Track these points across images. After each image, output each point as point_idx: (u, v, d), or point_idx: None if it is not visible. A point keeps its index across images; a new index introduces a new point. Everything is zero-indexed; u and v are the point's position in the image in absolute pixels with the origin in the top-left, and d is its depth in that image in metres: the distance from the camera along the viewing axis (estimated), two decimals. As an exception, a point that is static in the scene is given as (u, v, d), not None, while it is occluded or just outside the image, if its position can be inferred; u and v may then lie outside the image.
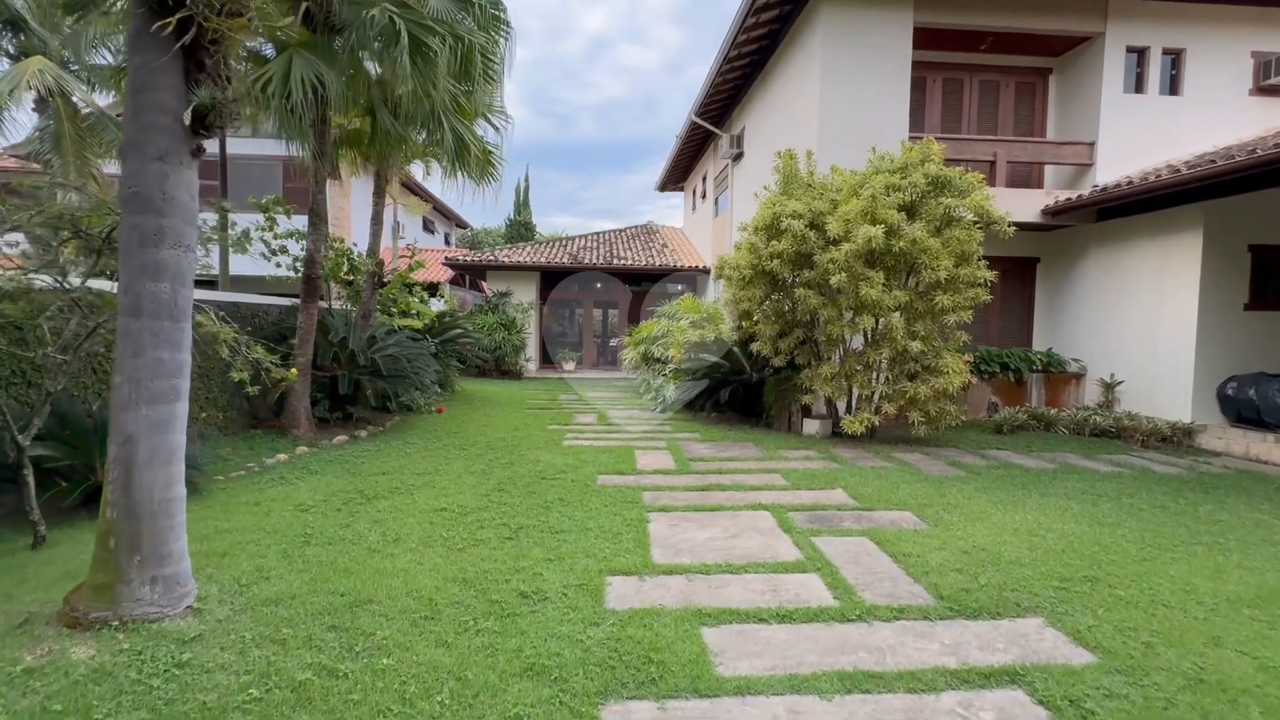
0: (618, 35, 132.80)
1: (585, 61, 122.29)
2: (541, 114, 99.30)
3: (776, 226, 7.09)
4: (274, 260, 9.28)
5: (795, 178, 7.72)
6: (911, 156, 6.76)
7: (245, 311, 7.24)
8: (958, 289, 6.58)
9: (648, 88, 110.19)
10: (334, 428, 7.47)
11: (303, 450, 6.44)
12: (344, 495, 4.86)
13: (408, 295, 9.98)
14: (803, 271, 7.07)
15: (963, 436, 7.87)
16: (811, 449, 7.06)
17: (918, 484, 5.52)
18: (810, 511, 4.72)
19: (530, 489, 5.18)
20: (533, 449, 6.82)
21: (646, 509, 4.72)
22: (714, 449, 7.07)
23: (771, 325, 7.56)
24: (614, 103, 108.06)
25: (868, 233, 6.14)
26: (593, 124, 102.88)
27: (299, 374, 6.82)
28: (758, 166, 11.66)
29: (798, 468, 6.12)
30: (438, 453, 6.52)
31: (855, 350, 7.37)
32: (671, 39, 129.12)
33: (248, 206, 9.18)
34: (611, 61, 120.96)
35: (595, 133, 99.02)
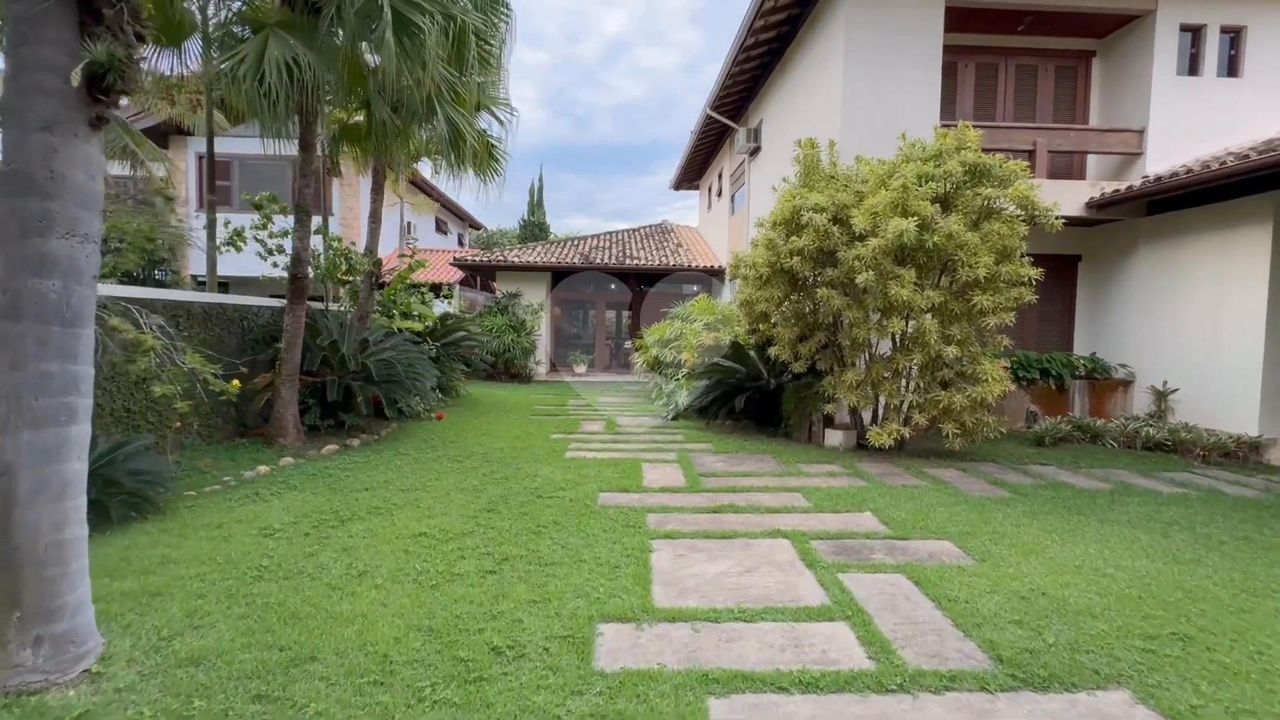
0: (636, 37, 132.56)
1: (603, 63, 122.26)
2: (560, 116, 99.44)
3: (797, 221, 6.53)
4: (270, 260, 8.95)
5: (816, 169, 7.15)
6: (946, 143, 6.15)
7: (232, 313, 6.88)
8: (998, 288, 5.96)
9: (665, 89, 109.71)
10: (325, 436, 7.07)
11: (287, 461, 6.03)
12: (318, 516, 4.41)
13: (409, 296, 9.58)
14: (825, 270, 6.50)
15: (1000, 449, 7.22)
16: (834, 463, 6.48)
17: (957, 507, 4.92)
18: (836, 540, 4.16)
19: (523, 509, 4.69)
20: (532, 461, 6.33)
21: (650, 535, 4.20)
22: (728, 462, 6.52)
23: (791, 328, 6.99)
24: (632, 104, 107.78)
25: (898, 226, 5.56)
26: (610, 125, 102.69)
27: (286, 379, 6.43)
28: (776, 161, 11.08)
29: (820, 485, 5.55)
30: (430, 465, 6.07)
31: (882, 356, 6.77)
32: (689, 40, 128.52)
33: (247, 206, 8.87)
34: (629, 63, 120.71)
35: (613, 134, 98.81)
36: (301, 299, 6.37)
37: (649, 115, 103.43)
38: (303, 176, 6.18)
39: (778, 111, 11.22)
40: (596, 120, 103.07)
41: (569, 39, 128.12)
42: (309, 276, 6.44)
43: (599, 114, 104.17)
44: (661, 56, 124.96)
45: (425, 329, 9.78)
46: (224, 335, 6.73)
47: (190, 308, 6.23)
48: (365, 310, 8.35)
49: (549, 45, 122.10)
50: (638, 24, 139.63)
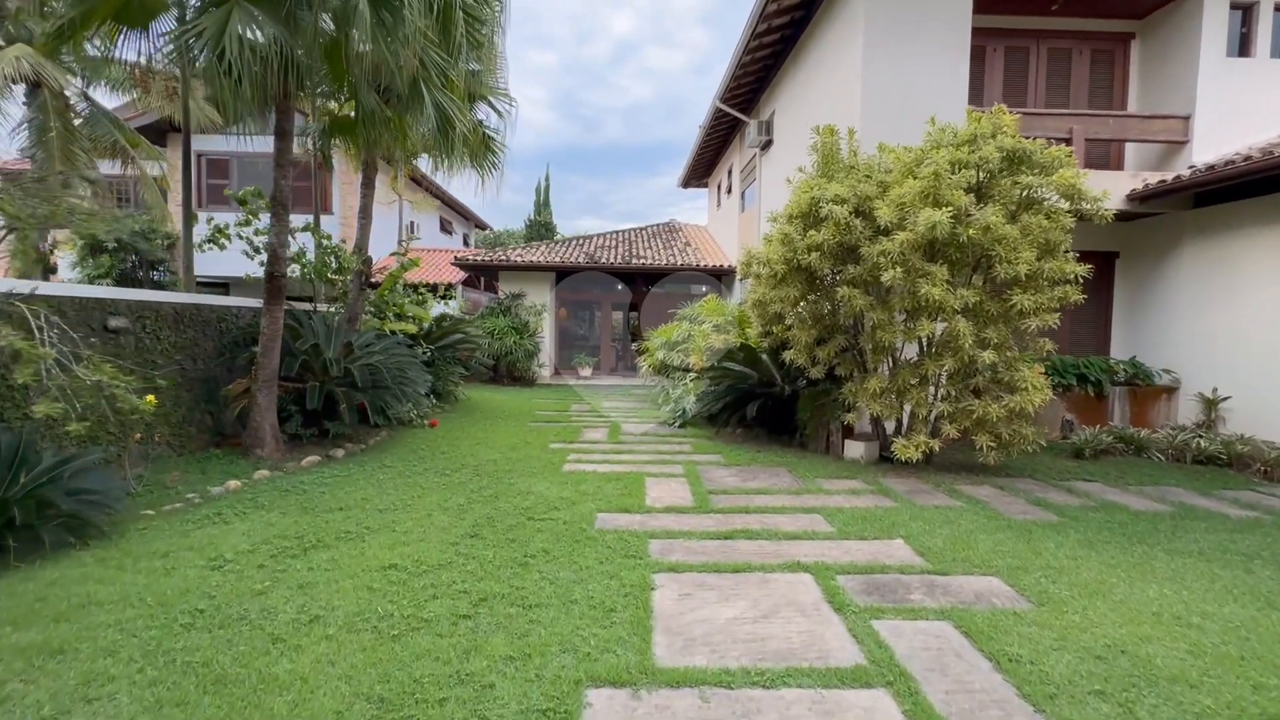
0: (644, 38, 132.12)
1: (612, 65, 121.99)
2: (569, 118, 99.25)
3: (815, 214, 5.99)
4: (257, 259, 8.52)
5: (835, 158, 6.60)
6: (981, 127, 5.59)
7: (208, 314, 6.44)
8: (1039, 287, 5.39)
9: (674, 90, 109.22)
10: (307, 446, 6.61)
11: (262, 475, 5.57)
12: (280, 542, 3.93)
13: (402, 297, 9.12)
14: (846, 267, 5.95)
15: (1037, 463, 6.62)
16: (856, 478, 5.93)
17: (1000, 533, 4.36)
18: (865, 576, 3.62)
19: (511, 534, 4.18)
20: (526, 475, 5.83)
21: (652, 567, 3.68)
22: (739, 476, 5.99)
23: (808, 331, 6.45)
24: (640, 105, 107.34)
25: (930, 218, 5.00)
26: (619, 127, 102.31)
27: (263, 385, 5.97)
28: (789, 154, 10.53)
29: (843, 505, 5.00)
30: (415, 479, 5.58)
31: (909, 361, 6.21)
32: (698, 40, 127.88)
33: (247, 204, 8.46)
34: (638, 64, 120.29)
35: (622, 136, 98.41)
36: (279, 299, 5.91)
37: (658, 116, 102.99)
38: (279, 167, 5.72)
39: (791, 102, 10.66)
40: (606, 122, 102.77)
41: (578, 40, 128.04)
42: (286, 275, 5.99)
43: (608, 115, 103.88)
44: (670, 57, 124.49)
45: (420, 331, 9.31)
46: (199, 338, 6.29)
47: (159, 309, 5.79)
48: (355, 311, 7.89)
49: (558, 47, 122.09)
50: (647, 25, 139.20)
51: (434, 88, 5.80)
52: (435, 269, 18.50)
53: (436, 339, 9.38)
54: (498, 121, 9.14)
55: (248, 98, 4.44)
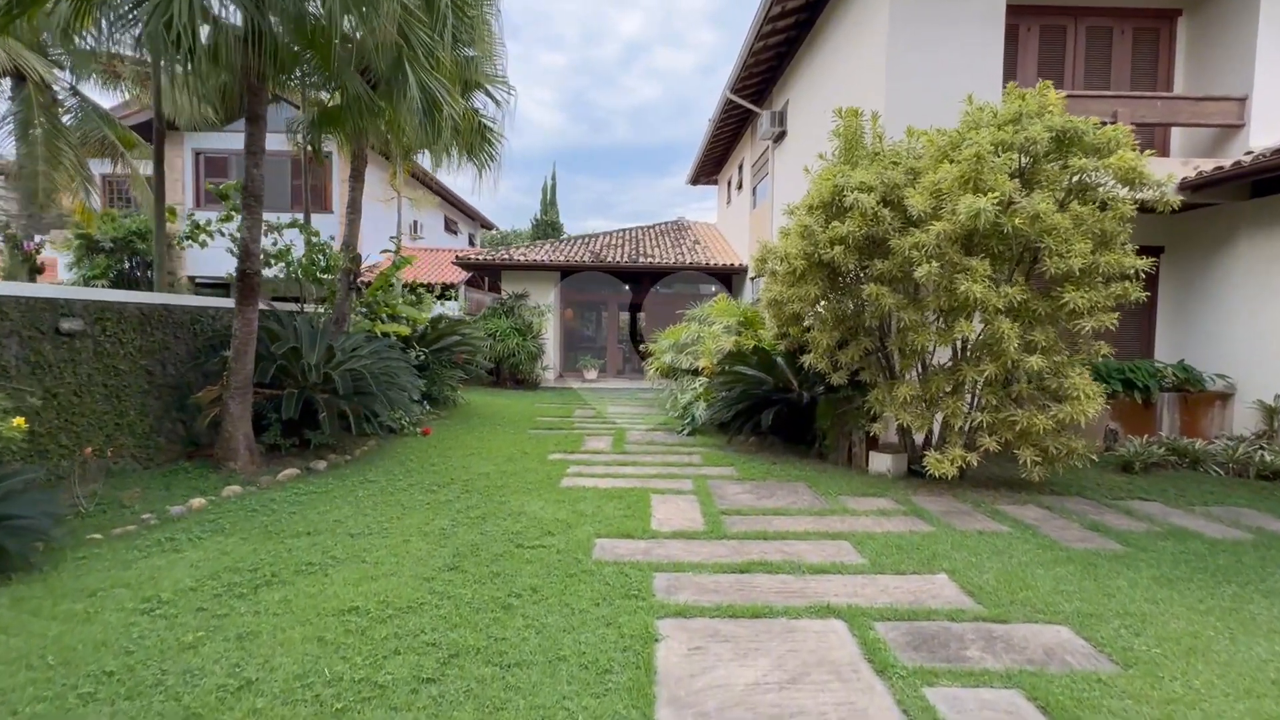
0: (653, 39, 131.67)
1: (620, 65, 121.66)
2: (577, 119, 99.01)
3: (838, 203, 5.43)
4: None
5: (859, 143, 6.03)
6: (1026, 104, 5.00)
7: (180, 316, 5.97)
8: (1092, 284, 4.79)
9: (683, 90, 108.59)
10: (287, 458, 6.13)
11: (232, 491, 5.09)
12: (231, 576, 3.43)
13: (395, 296, 8.65)
14: (873, 262, 5.38)
15: (1083, 478, 6.01)
16: (884, 496, 5.36)
17: (1060, 566, 3.77)
18: (909, 623, 3.06)
19: (496, 566, 3.66)
20: (520, 492, 5.31)
21: (656, 610, 3.14)
22: (755, 493, 5.43)
23: (829, 333, 5.88)
24: (649, 106, 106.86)
25: (971, 205, 4.43)
26: (628, 128, 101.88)
27: (236, 393, 5.50)
28: (803, 146, 9.96)
29: (873, 530, 4.44)
30: (398, 497, 5.08)
31: (942, 366, 5.64)
32: (707, 40, 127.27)
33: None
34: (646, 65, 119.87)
35: (630, 137, 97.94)
36: (252, 299, 5.43)
37: (666, 117, 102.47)
38: (250, 155, 5.24)
39: (807, 90, 10.09)
40: (614, 123, 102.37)
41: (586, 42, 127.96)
42: (260, 273, 5.51)
43: (616, 116, 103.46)
44: (679, 58, 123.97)
45: (414, 333, 8.83)
46: (169, 341, 5.83)
47: (122, 310, 5.33)
48: (343, 312, 7.42)
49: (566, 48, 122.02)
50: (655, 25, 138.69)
51: (419, 67, 5.31)
52: (438, 269, 18.07)
53: (432, 341, 8.90)
54: (496, 111, 8.69)
55: (202, 70, 3.95)
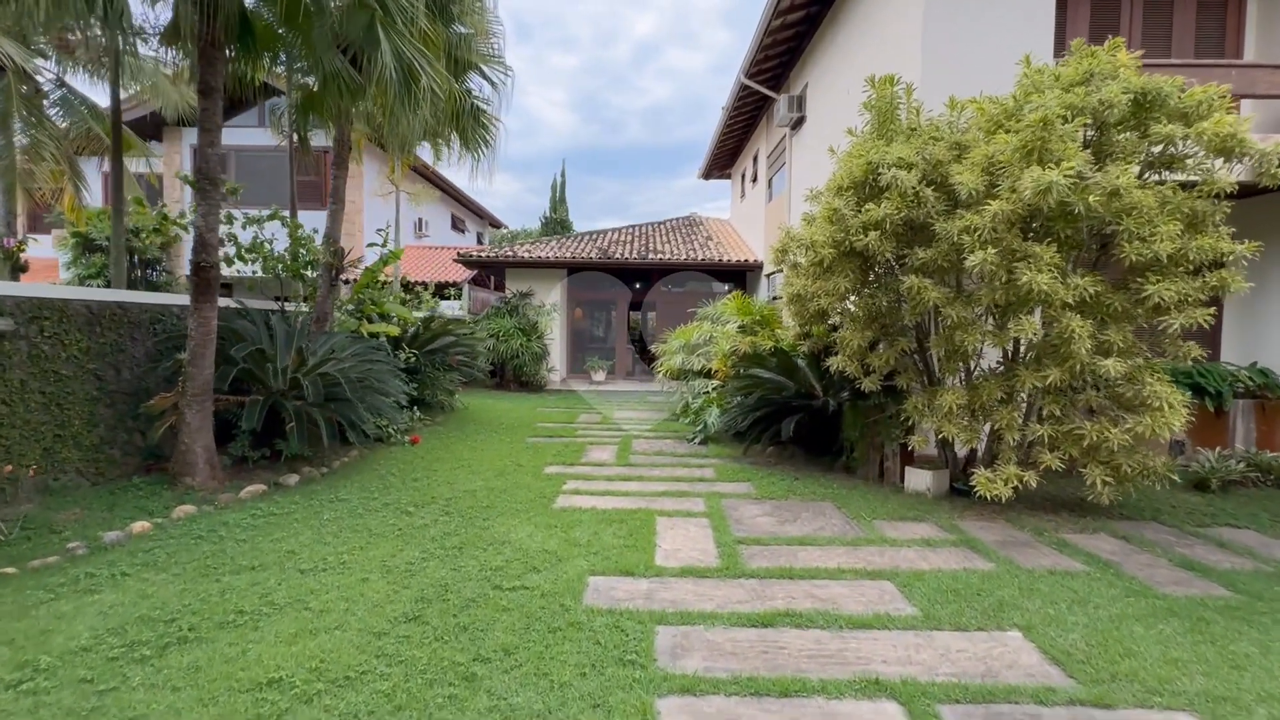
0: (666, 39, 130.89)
1: (634, 66, 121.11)
2: (590, 120, 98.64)
3: (873, 183, 4.72)
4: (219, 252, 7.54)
5: (893, 118, 5.31)
6: (1098, 63, 4.26)
7: (138, 315, 5.41)
8: (1176, 273, 4.04)
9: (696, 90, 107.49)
10: (255, 471, 5.55)
11: (184, 512, 4.50)
12: (140, 630, 2.82)
13: (385, 294, 8.06)
14: (913, 250, 4.67)
15: (1154, 498, 5.25)
16: (926, 519, 4.64)
17: (1160, 621, 3.04)
18: (985, 706, 2.37)
19: (465, 616, 3.01)
20: (508, 514, 4.67)
21: (659, 684, 2.47)
22: (776, 516, 4.74)
23: (860, 332, 5.17)
24: (661, 106, 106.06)
25: (1040, 179, 3.70)
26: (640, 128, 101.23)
27: (193, 400, 4.92)
28: (824, 133, 9.24)
29: (919, 566, 3.73)
30: (368, 520, 4.46)
31: (992, 370, 4.90)
32: (721, 40, 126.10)
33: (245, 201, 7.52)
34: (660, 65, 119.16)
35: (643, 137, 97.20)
36: (209, 295, 4.85)
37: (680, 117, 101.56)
38: (204, 132, 4.65)
39: (828, 71, 9.36)
40: (627, 123, 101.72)
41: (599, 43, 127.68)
42: (217, 266, 4.92)
43: (630, 117, 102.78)
44: (693, 58, 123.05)
45: (405, 333, 8.24)
46: (123, 342, 5.27)
47: (65, 308, 4.77)
48: (324, 310, 6.84)
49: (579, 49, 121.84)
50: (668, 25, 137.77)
51: (394, 33, 4.69)
52: (443, 267, 17.56)
53: (425, 342, 8.30)
54: (492, 94, 8.09)
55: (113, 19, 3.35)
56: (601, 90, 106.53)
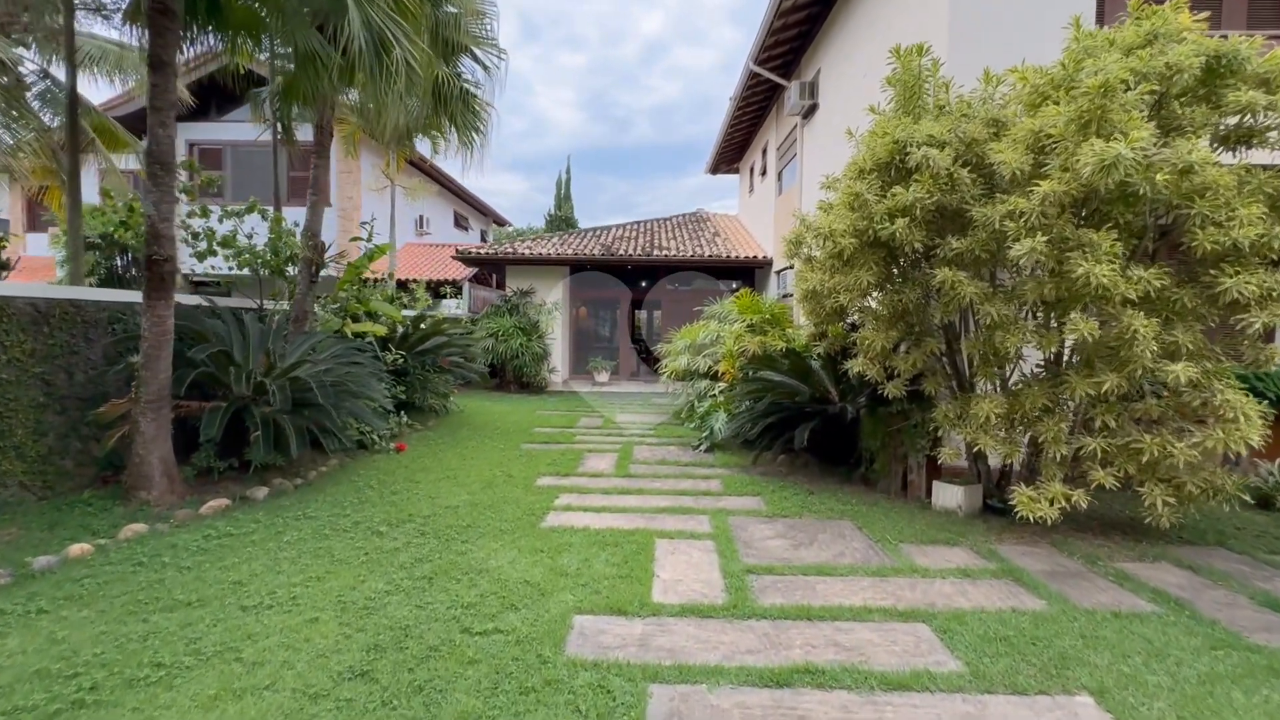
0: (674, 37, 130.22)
1: (641, 65, 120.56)
2: (598, 118, 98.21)
3: (901, 164, 4.20)
4: (193, 248, 7.13)
5: (920, 93, 4.78)
6: (1163, 24, 3.72)
7: (94, 314, 4.98)
8: (1257, 265, 3.50)
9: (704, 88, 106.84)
10: (222, 483, 5.11)
11: (132, 531, 4.06)
12: (30, 688, 2.37)
13: (373, 291, 7.62)
14: (946, 240, 4.14)
15: (1216, 519, 4.69)
16: (960, 543, 4.12)
17: (1260, 681, 2.51)
18: (1065, 814, 1.85)
19: (424, 670, 2.53)
20: (491, 534, 4.19)
21: (650, 774, 1.98)
22: (790, 538, 4.24)
23: (884, 332, 4.64)
24: (669, 104, 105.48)
25: (1105, 153, 3.17)
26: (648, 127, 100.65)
27: (148, 408, 4.48)
28: (838, 121, 8.71)
29: (959, 603, 3.21)
30: (332, 543, 4.00)
31: (1034, 376, 4.36)
32: (728, 38, 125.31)
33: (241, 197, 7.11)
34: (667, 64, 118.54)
35: (651, 136, 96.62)
36: (163, 291, 4.40)
37: (687, 116, 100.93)
38: (155, 111, 4.20)
39: (844, 53, 8.81)
40: (635, 122, 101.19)
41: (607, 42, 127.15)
42: (173, 259, 4.47)
43: (638, 115, 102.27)
44: (700, 56, 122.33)
45: (394, 333, 7.78)
46: (78, 344, 4.84)
47: (8, 306, 4.34)
48: (303, 309, 6.39)
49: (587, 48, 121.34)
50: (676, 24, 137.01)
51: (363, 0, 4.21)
52: (443, 265, 17.14)
53: (415, 343, 7.84)
54: (484, 77, 7.63)
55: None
56: (609, 89, 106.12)
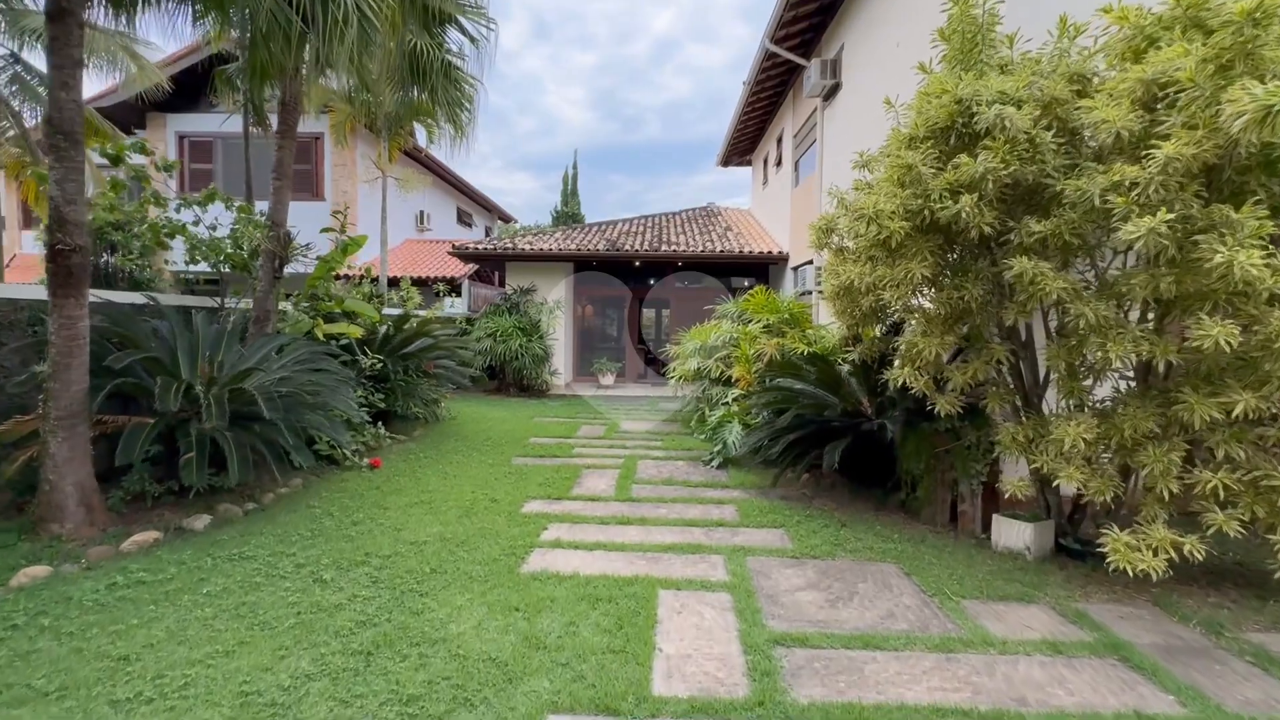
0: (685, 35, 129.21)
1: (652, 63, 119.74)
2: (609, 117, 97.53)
3: (965, 129, 3.39)
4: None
5: (979, 44, 3.95)
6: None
7: (4, 314, 4.29)
8: None
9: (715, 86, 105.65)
10: (159, 509, 4.41)
11: (28, 576, 3.36)
12: None
13: (339, 289, 6.91)
14: (1023, 222, 3.32)
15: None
16: (1037, 598, 3.31)
17: None
18: None
19: (320, 825, 1.78)
20: (458, 584, 3.44)
21: None
22: (823, 589, 3.44)
23: (937, 336, 3.82)
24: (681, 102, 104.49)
25: (1269, 98, 2.34)
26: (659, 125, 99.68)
27: (58, 426, 3.77)
28: (863, 102, 7.88)
29: (1059, 703, 2.40)
30: (263, 594, 3.26)
31: (1129, 394, 3.53)
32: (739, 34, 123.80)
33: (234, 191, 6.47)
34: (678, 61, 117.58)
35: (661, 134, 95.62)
36: (71, 288, 3.68)
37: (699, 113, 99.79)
38: (54, 69, 3.48)
39: (872, 25, 7.96)
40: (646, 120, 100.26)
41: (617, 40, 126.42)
42: (84, 249, 3.74)
43: (648, 114, 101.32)
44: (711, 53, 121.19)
45: (373, 334, 7.06)
46: (-15, 349, 4.15)
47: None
48: (265, 308, 5.68)
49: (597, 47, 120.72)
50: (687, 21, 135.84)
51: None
52: (444, 262, 16.46)
53: (397, 346, 7.11)
54: (473, 51, 6.88)
55: None
56: (620, 87, 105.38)
